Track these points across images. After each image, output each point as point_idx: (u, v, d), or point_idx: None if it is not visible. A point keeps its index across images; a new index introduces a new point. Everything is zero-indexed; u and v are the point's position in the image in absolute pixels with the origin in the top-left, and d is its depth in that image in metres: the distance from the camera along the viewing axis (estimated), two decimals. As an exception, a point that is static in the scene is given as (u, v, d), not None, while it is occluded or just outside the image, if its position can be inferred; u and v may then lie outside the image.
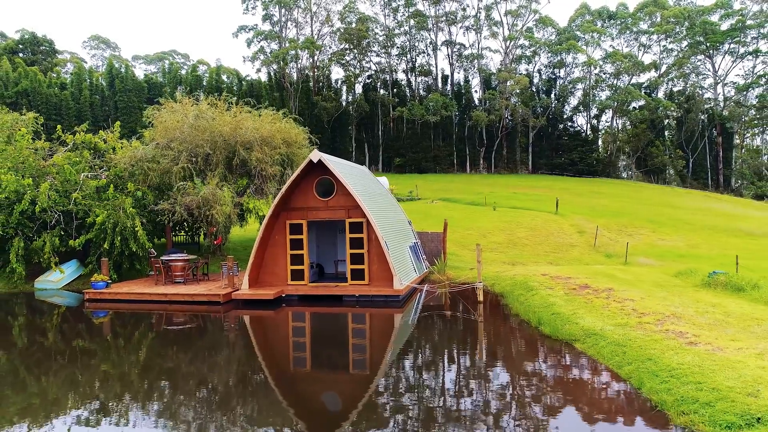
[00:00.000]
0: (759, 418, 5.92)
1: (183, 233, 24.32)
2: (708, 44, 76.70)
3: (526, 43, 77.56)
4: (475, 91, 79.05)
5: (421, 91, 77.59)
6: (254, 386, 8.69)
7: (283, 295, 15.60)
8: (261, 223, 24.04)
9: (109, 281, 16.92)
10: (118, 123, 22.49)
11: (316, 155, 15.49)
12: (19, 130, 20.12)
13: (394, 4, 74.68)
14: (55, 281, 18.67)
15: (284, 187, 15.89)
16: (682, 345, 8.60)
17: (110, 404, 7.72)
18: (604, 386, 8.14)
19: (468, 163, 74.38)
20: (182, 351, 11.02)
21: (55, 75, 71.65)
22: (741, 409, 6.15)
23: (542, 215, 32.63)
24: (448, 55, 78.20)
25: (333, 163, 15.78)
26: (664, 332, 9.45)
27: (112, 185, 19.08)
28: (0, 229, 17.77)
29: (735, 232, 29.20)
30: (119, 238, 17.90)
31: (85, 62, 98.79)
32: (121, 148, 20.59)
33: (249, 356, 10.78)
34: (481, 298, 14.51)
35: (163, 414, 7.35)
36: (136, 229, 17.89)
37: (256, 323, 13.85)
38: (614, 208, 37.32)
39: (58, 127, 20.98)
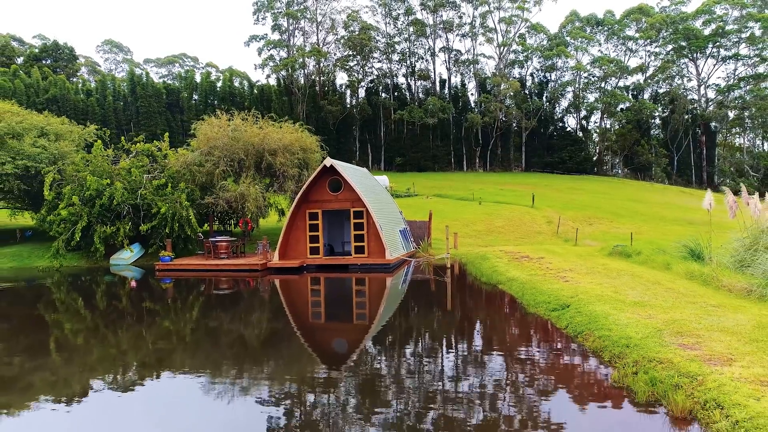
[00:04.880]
0: (568, 305, 11.26)
1: (216, 222, 29.74)
2: (691, 48, 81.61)
3: (519, 48, 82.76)
4: (471, 95, 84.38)
5: (420, 95, 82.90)
6: (284, 324, 14.05)
7: (305, 265, 20.99)
8: (279, 215, 29.53)
9: (173, 256, 22.38)
10: (167, 134, 27.99)
11: (328, 161, 20.84)
12: (96, 141, 25.67)
13: (394, 13, 79.99)
14: (126, 258, 24.14)
15: (305, 185, 21.27)
16: (558, 281, 13.93)
17: (185, 335, 12.98)
18: (503, 299, 13.59)
19: (465, 162, 79.59)
20: (233, 302, 16.37)
21: (80, 81, 77.17)
22: (561, 303, 11.49)
23: (520, 208, 37.88)
24: (445, 60, 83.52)
25: (340, 166, 21.14)
26: (555, 277, 14.77)
27: (169, 184, 24.53)
28: (86, 218, 23.22)
29: (679, 222, 34.43)
30: (177, 225, 23.34)
31: (99, 65, 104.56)
32: (174, 153, 26.06)
33: (279, 305, 16.18)
34: (448, 265, 19.85)
35: (220, 341, 11.33)
36: (190, 218, 23.34)
37: (284, 284, 19.21)
38: (585, 202, 42.56)
39: (123, 138, 26.46)
